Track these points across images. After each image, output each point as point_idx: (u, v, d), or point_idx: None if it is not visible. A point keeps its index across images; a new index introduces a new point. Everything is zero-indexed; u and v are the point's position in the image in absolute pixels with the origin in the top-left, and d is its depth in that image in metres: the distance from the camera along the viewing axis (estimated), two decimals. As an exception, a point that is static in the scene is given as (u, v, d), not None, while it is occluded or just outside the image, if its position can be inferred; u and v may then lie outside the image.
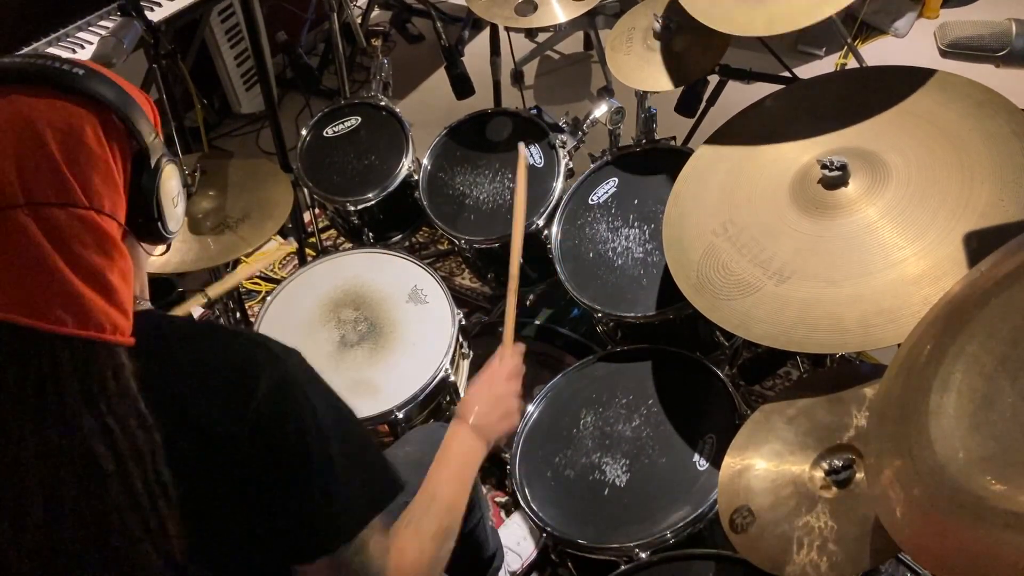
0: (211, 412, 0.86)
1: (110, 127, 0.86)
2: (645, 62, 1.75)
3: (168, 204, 0.93)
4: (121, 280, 0.85)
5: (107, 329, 0.82)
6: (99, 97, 0.85)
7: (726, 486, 1.20)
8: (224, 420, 0.86)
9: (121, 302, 0.84)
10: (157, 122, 0.96)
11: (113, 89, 0.87)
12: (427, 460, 1.47)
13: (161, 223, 0.93)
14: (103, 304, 0.82)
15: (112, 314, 0.82)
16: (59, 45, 2.22)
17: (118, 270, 0.85)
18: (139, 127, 0.89)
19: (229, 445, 0.86)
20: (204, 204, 1.85)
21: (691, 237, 1.41)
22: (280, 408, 0.88)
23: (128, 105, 0.88)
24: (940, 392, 0.84)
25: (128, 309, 0.85)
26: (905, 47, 3.18)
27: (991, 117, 1.23)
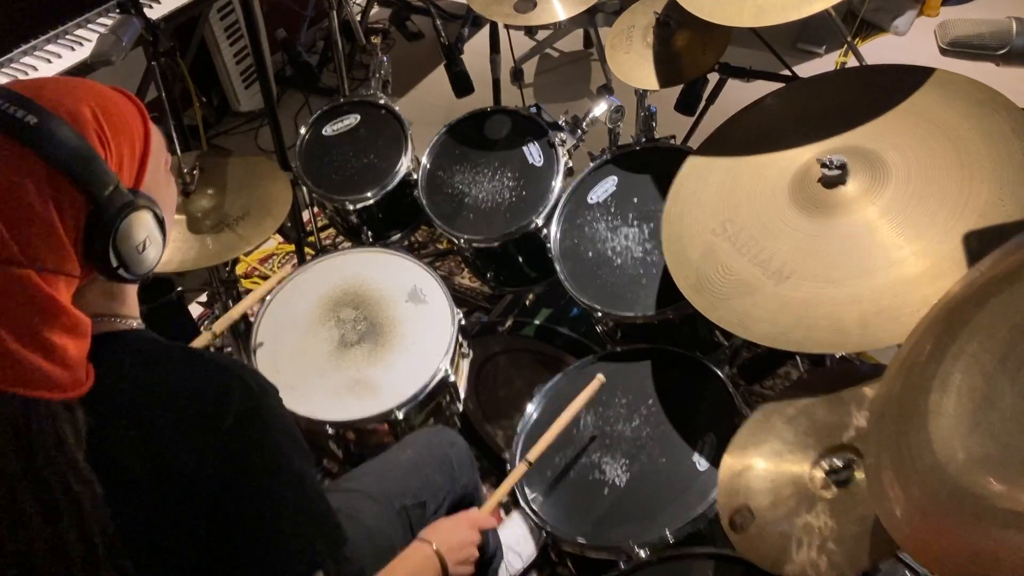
0: (176, 442, 0.86)
1: (57, 185, 0.83)
2: (645, 60, 1.75)
3: (130, 252, 0.90)
4: (64, 335, 0.83)
5: (42, 386, 0.81)
6: (48, 155, 0.82)
7: (726, 485, 1.20)
8: (189, 450, 0.86)
9: (62, 357, 0.82)
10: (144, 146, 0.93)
11: (68, 141, 0.84)
12: (423, 463, 1.48)
13: (124, 269, 0.90)
14: (40, 362, 0.81)
15: (49, 371, 0.81)
16: (58, 42, 2.21)
17: (59, 326, 0.83)
18: (96, 182, 0.85)
19: (191, 477, 0.86)
20: (203, 203, 1.85)
21: (690, 236, 1.41)
22: (246, 444, 0.88)
23: (83, 159, 0.84)
24: (940, 392, 0.83)
25: (73, 362, 0.83)
26: (905, 45, 3.18)
27: (991, 116, 1.23)
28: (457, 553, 1.24)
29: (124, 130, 0.91)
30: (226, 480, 0.87)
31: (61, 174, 0.83)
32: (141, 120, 0.94)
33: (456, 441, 1.58)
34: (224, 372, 0.91)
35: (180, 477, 0.86)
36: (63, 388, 0.82)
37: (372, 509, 1.38)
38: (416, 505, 1.42)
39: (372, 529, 1.34)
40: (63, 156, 0.83)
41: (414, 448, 1.52)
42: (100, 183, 0.86)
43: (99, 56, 1.68)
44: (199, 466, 0.86)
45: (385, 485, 1.43)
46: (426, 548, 1.21)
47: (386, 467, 1.48)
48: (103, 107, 0.89)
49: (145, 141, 0.94)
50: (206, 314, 2.60)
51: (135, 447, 0.86)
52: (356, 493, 1.41)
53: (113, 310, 0.95)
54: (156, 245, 0.94)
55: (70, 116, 0.85)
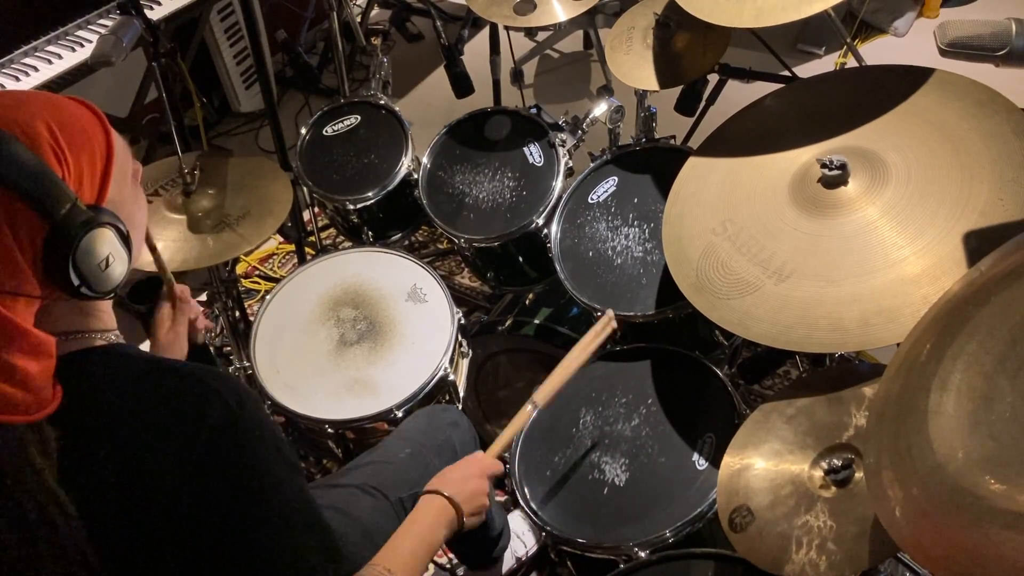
0: (151, 459, 0.85)
1: (10, 206, 0.81)
2: (645, 61, 1.75)
3: (92, 270, 0.88)
4: (26, 357, 0.81)
5: (5, 410, 0.80)
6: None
7: (725, 485, 1.20)
8: (164, 467, 0.85)
9: (23, 380, 0.80)
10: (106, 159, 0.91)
11: (21, 160, 0.82)
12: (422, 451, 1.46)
13: (87, 287, 0.88)
14: (1, 387, 0.79)
15: (10, 395, 0.80)
16: (58, 43, 2.22)
17: (20, 349, 0.81)
18: (51, 201, 0.83)
19: (168, 494, 0.85)
20: (203, 202, 1.85)
21: (690, 236, 1.41)
22: (222, 459, 0.87)
23: (38, 178, 0.82)
24: (939, 391, 0.84)
25: (36, 384, 0.81)
26: (905, 46, 3.18)
27: (991, 116, 1.23)
28: (470, 502, 1.20)
29: (84, 144, 0.89)
30: (205, 496, 0.86)
31: (15, 196, 0.81)
32: (103, 132, 0.92)
33: (458, 421, 1.55)
34: (199, 385, 0.89)
35: (157, 494, 0.85)
36: (25, 411, 0.81)
37: (368, 504, 1.36)
38: (412, 496, 1.40)
39: (368, 525, 1.32)
40: (16, 176, 0.81)
41: (413, 436, 1.49)
42: (56, 202, 0.84)
43: (99, 57, 1.68)
44: (176, 482, 0.85)
45: (381, 478, 1.40)
46: (438, 500, 1.18)
47: (383, 458, 1.46)
48: (60, 121, 0.87)
49: (107, 154, 0.92)
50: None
51: (109, 465, 0.85)
52: (351, 488, 1.39)
53: (84, 326, 0.93)
54: (121, 261, 0.92)
55: (24, 134, 0.84)
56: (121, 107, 2.81)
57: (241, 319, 2.24)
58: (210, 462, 0.86)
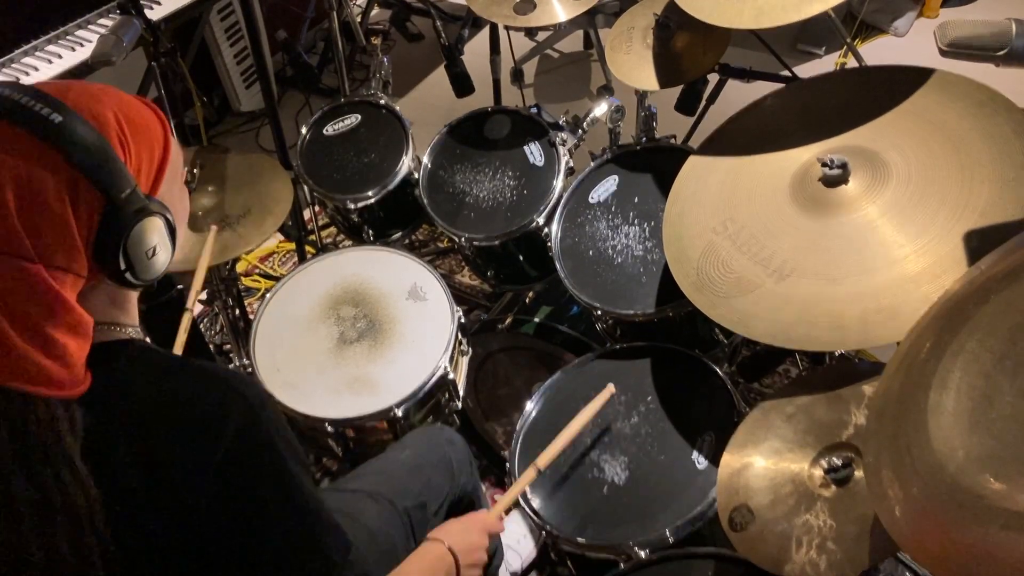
0: (174, 455, 0.86)
1: (75, 183, 0.84)
2: (645, 61, 1.75)
3: (140, 257, 0.90)
4: (66, 333, 0.83)
5: (41, 382, 0.81)
6: (68, 152, 0.82)
7: (725, 484, 1.20)
8: (187, 464, 0.86)
9: (63, 355, 0.82)
10: (163, 155, 0.93)
11: (89, 141, 0.84)
12: (423, 463, 1.48)
13: (132, 273, 0.90)
14: (39, 358, 0.81)
15: (48, 368, 0.81)
16: (59, 43, 2.22)
17: (63, 324, 0.83)
18: (113, 183, 0.86)
19: (187, 490, 0.86)
20: (204, 201, 1.85)
21: (691, 235, 1.41)
22: (245, 458, 0.88)
23: (103, 159, 0.85)
24: (939, 390, 0.84)
25: (73, 361, 0.83)
26: (905, 46, 3.18)
27: (991, 116, 1.23)
28: (469, 556, 1.22)
29: (145, 138, 0.91)
30: (227, 495, 0.87)
31: (80, 173, 0.83)
32: (162, 131, 0.95)
33: (455, 439, 1.58)
34: (223, 385, 0.90)
35: (177, 488, 0.86)
36: (62, 386, 0.82)
37: (374, 510, 1.38)
38: (417, 506, 1.42)
39: (374, 530, 1.34)
40: (83, 155, 0.83)
41: (413, 448, 1.52)
42: (117, 185, 0.86)
43: (100, 56, 1.68)
44: (197, 479, 0.86)
45: (386, 486, 1.43)
46: (439, 547, 1.20)
47: (387, 467, 1.48)
48: (126, 114, 0.90)
49: (164, 151, 0.94)
50: (206, 312, 2.60)
51: (132, 455, 0.85)
52: (358, 493, 1.41)
53: (114, 318, 0.94)
54: (165, 252, 0.94)
55: (93, 118, 0.86)
56: (121, 106, 2.81)
57: (241, 317, 2.25)
58: (233, 462, 0.87)
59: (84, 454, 0.83)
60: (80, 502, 0.82)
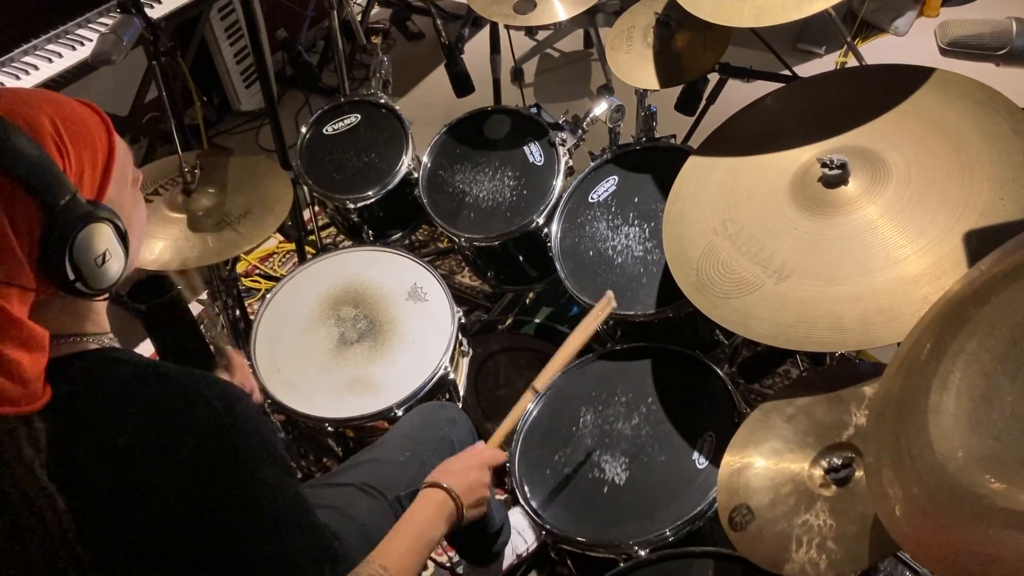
0: (140, 464, 0.85)
1: (10, 193, 0.81)
2: (645, 60, 1.75)
3: (89, 265, 0.87)
4: (18, 348, 0.81)
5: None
6: (0, 161, 0.80)
7: (725, 484, 1.20)
8: (153, 472, 0.84)
9: (16, 371, 0.80)
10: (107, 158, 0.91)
11: (22, 148, 0.82)
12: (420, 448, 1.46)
13: (82, 283, 0.87)
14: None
15: (2, 386, 0.79)
16: (59, 42, 2.22)
17: (13, 339, 0.81)
18: (51, 191, 0.83)
19: (154, 500, 0.84)
20: (204, 201, 1.85)
21: (691, 235, 1.41)
22: (209, 463, 0.86)
23: (38, 167, 0.82)
24: (939, 391, 0.84)
25: (27, 376, 0.81)
26: (905, 46, 3.18)
27: (991, 116, 1.23)
28: (471, 495, 1.20)
29: (85, 141, 0.89)
30: (193, 500, 0.85)
31: (15, 183, 0.81)
32: (105, 132, 0.92)
33: (456, 418, 1.56)
34: (188, 390, 0.88)
35: (145, 497, 0.84)
36: (15, 403, 0.80)
37: (365, 503, 1.36)
38: (410, 495, 1.40)
39: (366, 524, 1.32)
40: (16, 164, 0.81)
41: (411, 431, 1.50)
42: (55, 192, 0.83)
43: (100, 55, 1.68)
44: (164, 486, 0.84)
45: (379, 477, 1.40)
46: (438, 493, 1.17)
47: (380, 456, 1.46)
48: (63, 116, 0.87)
49: (108, 154, 0.92)
50: (206, 312, 2.60)
51: (99, 466, 0.84)
52: (349, 487, 1.39)
53: (78, 328, 0.93)
54: (118, 259, 0.91)
55: (27, 124, 0.84)
56: (121, 106, 2.81)
57: (241, 318, 2.24)
58: (198, 467, 0.85)
59: (50, 467, 0.82)
60: (49, 517, 0.81)
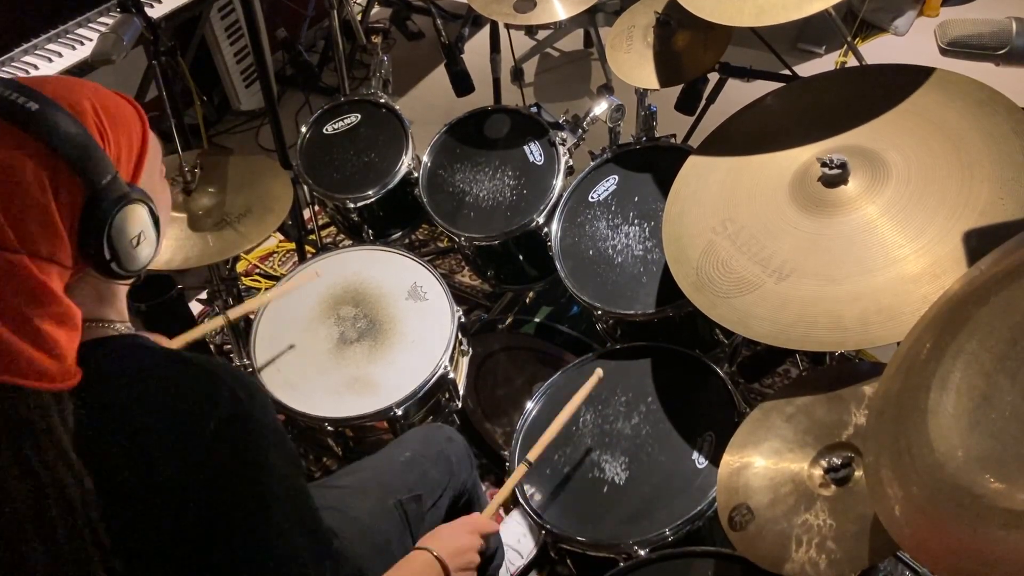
0: (162, 448, 0.86)
1: (55, 170, 0.83)
2: (645, 60, 1.75)
3: (124, 246, 0.90)
4: (55, 325, 0.82)
5: (31, 375, 0.80)
6: (47, 139, 0.82)
7: (725, 484, 1.20)
8: (174, 456, 0.86)
9: (52, 347, 0.82)
10: (141, 145, 0.93)
11: (67, 128, 0.84)
12: (420, 458, 1.48)
13: (117, 263, 0.90)
14: (28, 350, 0.80)
15: (39, 360, 0.81)
16: (59, 41, 2.22)
17: (50, 315, 0.82)
18: (94, 169, 0.85)
19: (176, 483, 0.85)
20: (204, 201, 1.85)
21: (691, 235, 1.41)
22: (230, 451, 0.88)
23: (82, 146, 0.85)
24: (939, 390, 0.84)
25: (63, 353, 0.83)
26: (905, 45, 3.18)
27: (991, 115, 1.23)
28: (458, 559, 1.21)
29: (123, 127, 0.91)
30: (211, 486, 0.86)
31: (59, 159, 0.83)
32: (140, 121, 0.95)
33: (454, 437, 1.58)
34: (209, 377, 0.90)
35: (166, 482, 0.85)
36: (52, 379, 0.82)
37: (366, 505, 1.37)
38: (411, 499, 1.41)
39: (367, 525, 1.34)
40: (62, 142, 0.83)
41: (411, 444, 1.51)
42: (98, 171, 0.86)
43: (100, 55, 1.68)
44: (184, 472, 0.85)
45: (379, 480, 1.42)
46: (425, 555, 1.19)
47: (381, 462, 1.48)
48: (103, 103, 0.90)
49: (143, 141, 0.94)
50: (206, 312, 2.60)
51: (122, 449, 0.85)
52: (350, 489, 1.40)
53: (102, 314, 0.94)
54: (150, 242, 0.94)
55: (71, 106, 0.86)
56: (121, 105, 2.80)
57: (241, 317, 2.24)
58: (216, 453, 0.87)
59: (76, 447, 0.83)
60: (75, 494, 0.82)
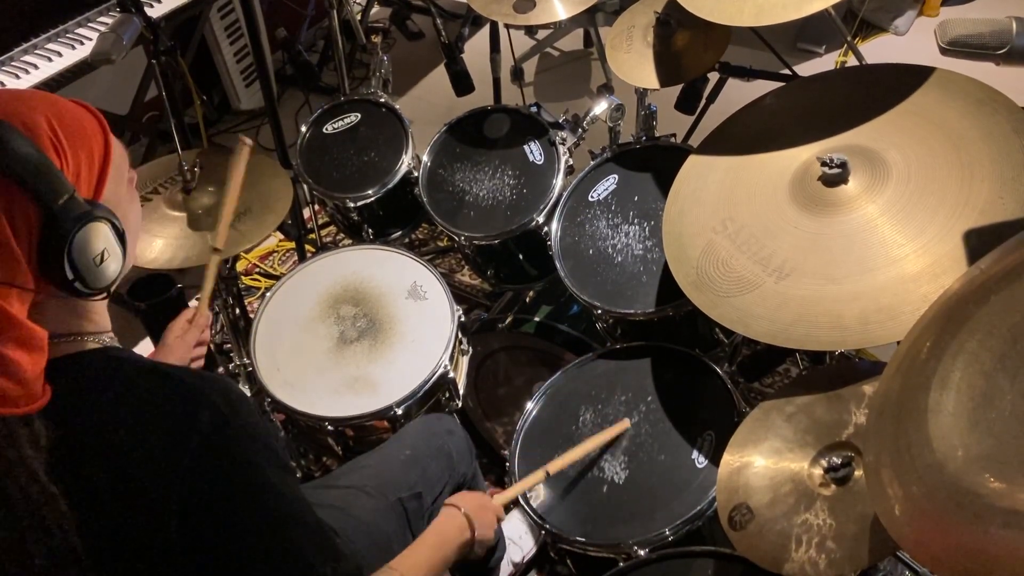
0: (142, 466, 0.85)
1: (8, 193, 0.82)
2: (645, 59, 1.75)
3: (87, 264, 0.87)
4: (16, 348, 0.81)
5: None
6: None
7: (725, 483, 1.20)
8: (155, 473, 0.85)
9: (15, 372, 0.80)
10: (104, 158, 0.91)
11: (19, 148, 0.82)
12: (420, 454, 1.48)
13: (81, 283, 0.88)
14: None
15: (2, 387, 0.79)
16: (59, 41, 2.22)
17: (12, 339, 0.81)
18: (49, 190, 0.83)
19: (157, 499, 0.85)
20: (203, 200, 1.85)
21: (691, 234, 1.41)
22: (213, 466, 0.87)
23: (36, 166, 0.82)
24: (939, 390, 0.84)
25: (27, 376, 0.81)
26: (905, 45, 3.18)
27: (991, 115, 1.23)
28: (483, 530, 1.25)
29: (82, 141, 0.89)
30: (196, 500, 0.85)
31: (12, 183, 0.81)
32: (101, 132, 0.92)
33: (454, 430, 1.58)
34: (191, 390, 0.89)
35: (147, 498, 0.85)
36: (15, 403, 0.80)
37: (367, 504, 1.38)
38: (412, 497, 1.41)
39: (368, 524, 1.34)
40: (14, 164, 0.81)
41: (411, 439, 1.51)
42: (54, 192, 0.84)
43: (100, 55, 1.68)
44: (167, 486, 0.84)
45: (380, 479, 1.42)
46: (459, 517, 1.24)
47: (381, 461, 1.48)
48: (59, 116, 0.88)
49: (105, 153, 0.92)
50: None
51: (101, 466, 0.84)
52: (351, 489, 1.40)
53: (77, 328, 0.93)
54: (116, 258, 0.91)
55: (23, 125, 0.84)
56: (121, 105, 2.81)
57: (241, 316, 2.24)
58: (201, 467, 0.86)
59: (52, 468, 0.82)
60: (50, 517, 0.81)
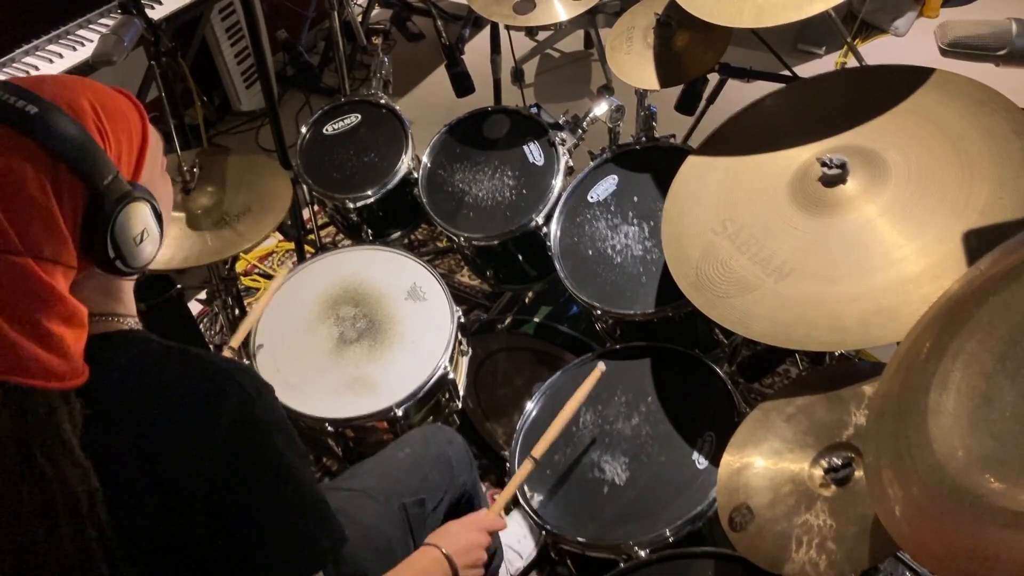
0: (171, 444, 0.86)
1: (56, 173, 0.84)
2: (645, 60, 1.75)
3: (128, 244, 0.90)
4: (61, 324, 0.83)
5: (39, 375, 0.81)
6: (47, 142, 0.83)
7: (725, 484, 1.20)
8: (183, 453, 0.86)
9: (59, 346, 0.83)
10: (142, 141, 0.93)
11: (67, 130, 0.84)
12: (422, 461, 1.48)
13: (121, 261, 0.91)
14: (35, 350, 0.81)
15: (45, 360, 0.82)
16: (60, 43, 2.22)
17: (57, 315, 0.83)
18: (94, 170, 0.86)
19: (184, 479, 0.86)
20: (203, 200, 1.85)
21: (690, 235, 1.41)
22: (241, 447, 0.88)
23: (82, 147, 0.85)
24: (939, 390, 0.84)
25: (70, 351, 0.84)
26: (905, 46, 3.18)
27: (991, 116, 1.23)
28: (465, 556, 1.23)
29: (122, 124, 0.91)
30: (222, 482, 0.87)
31: (60, 162, 0.84)
32: (139, 117, 0.95)
33: (454, 439, 1.58)
34: (219, 374, 0.91)
35: (175, 479, 0.86)
36: (60, 377, 0.82)
37: (370, 508, 1.38)
38: (415, 503, 1.42)
39: (370, 528, 1.34)
40: (62, 144, 0.84)
41: (412, 446, 1.52)
42: (99, 172, 0.86)
43: (101, 56, 1.68)
44: (194, 468, 0.86)
45: (383, 484, 1.43)
46: (434, 551, 1.20)
47: (384, 466, 1.48)
48: (101, 101, 0.90)
49: (143, 137, 0.95)
50: (205, 311, 2.60)
51: (130, 445, 0.86)
52: (354, 492, 1.41)
53: (110, 308, 0.95)
54: (153, 239, 0.94)
55: (69, 107, 0.86)
56: (121, 106, 2.81)
57: (241, 317, 2.25)
58: (229, 450, 0.87)
59: (83, 445, 0.83)
60: (80, 493, 0.83)
